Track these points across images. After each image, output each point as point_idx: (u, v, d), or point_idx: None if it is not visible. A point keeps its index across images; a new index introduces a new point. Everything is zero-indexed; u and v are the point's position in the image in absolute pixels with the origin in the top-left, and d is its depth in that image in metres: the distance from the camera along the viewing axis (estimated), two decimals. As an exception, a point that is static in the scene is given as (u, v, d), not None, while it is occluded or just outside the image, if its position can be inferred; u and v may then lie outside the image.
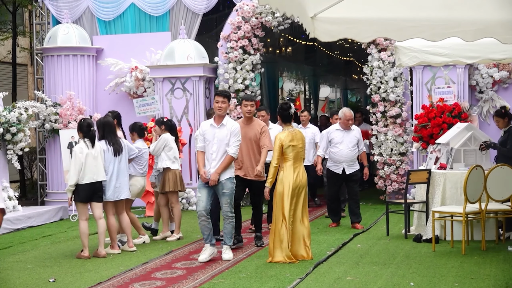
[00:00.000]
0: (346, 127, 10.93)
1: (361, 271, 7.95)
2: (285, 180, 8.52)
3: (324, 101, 31.79)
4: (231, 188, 8.66)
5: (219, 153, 8.66)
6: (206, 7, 14.69)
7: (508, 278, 7.45)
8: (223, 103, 8.70)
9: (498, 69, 12.98)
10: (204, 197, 8.65)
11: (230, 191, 8.68)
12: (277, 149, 8.53)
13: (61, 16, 15.12)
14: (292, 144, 8.54)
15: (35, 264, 8.97)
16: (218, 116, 8.71)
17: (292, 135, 8.60)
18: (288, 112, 8.77)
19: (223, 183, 8.61)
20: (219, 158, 8.65)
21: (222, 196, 8.67)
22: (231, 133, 8.67)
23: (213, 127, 8.69)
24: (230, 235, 8.82)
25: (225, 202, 8.67)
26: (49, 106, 14.18)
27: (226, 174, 8.64)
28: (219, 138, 8.66)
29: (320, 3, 6.54)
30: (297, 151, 8.58)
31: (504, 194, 8.93)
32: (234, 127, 8.76)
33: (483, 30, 7.06)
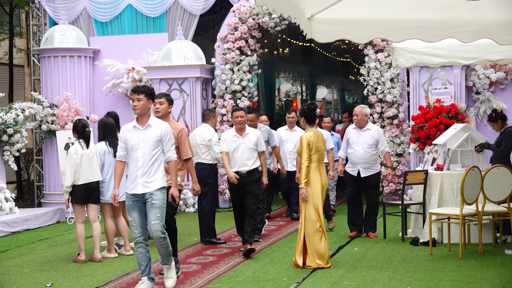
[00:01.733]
0: (359, 126, 10.35)
1: (358, 275, 7.93)
2: (314, 182, 8.38)
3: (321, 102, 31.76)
4: (162, 200, 7.23)
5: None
6: (203, 8, 14.66)
7: (505, 282, 7.43)
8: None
9: (495, 70, 12.97)
10: (137, 220, 7.27)
11: (161, 203, 7.22)
12: (307, 148, 8.33)
13: (58, 17, 15.07)
14: (317, 145, 8.43)
15: (32, 268, 8.93)
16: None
17: (317, 136, 8.50)
18: (314, 113, 8.62)
19: (153, 193, 7.18)
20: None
21: (151, 209, 7.19)
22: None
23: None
24: (167, 255, 7.45)
25: (154, 217, 7.15)
26: (46, 107, 14.14)
27: (157, 183, 7.24)
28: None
29: (317, 4, 6.52)
30: (320, 152, 8.49)
31: (501, 195, 8.91)
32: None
33: (480, 31, 7.06)
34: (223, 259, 9.04)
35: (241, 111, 9.48)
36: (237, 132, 9.42)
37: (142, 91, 7.28)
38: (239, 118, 9.38)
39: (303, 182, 8.33)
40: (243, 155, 9.36)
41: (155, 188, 7.20)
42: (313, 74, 26.81)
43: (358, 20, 6.88)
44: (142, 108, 7.26)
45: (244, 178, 9.36)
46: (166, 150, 7.30)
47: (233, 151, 9.39)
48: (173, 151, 7.35)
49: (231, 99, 14.10)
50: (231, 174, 9.34)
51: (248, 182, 9.37)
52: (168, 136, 7.29)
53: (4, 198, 12.38)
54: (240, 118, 9.40)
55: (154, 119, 7.39)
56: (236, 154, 9.36)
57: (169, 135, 7.30)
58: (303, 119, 8.61)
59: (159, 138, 7.25)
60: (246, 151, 9.36)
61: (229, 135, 9.51)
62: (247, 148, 9.37)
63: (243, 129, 9.45)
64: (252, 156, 9.40)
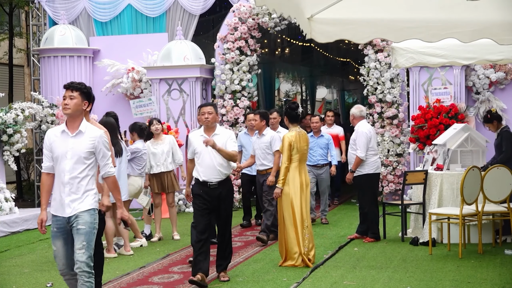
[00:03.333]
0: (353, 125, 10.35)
1: (358, 275, 7.93)
2: (291, 181, 8.46)
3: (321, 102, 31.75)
4: (91, 224, 5.87)
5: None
6: (203, 8, 14.66)
7: (505, 282, 7.43)
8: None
9: (495, 70, 12.97)
10: (61, 251, 6.00)
11: (88, 229, 5.85)
12: (287, 149, 8.43)
13: (57, 17, 15.07)
14: (298, 145, 8.48)
15: (32, 268, 8.93)
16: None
17: (300, 135, 8.55)
18: (296, 112, 8.67)
19: (79, 216, 5.85)
20: None
21: (76, 236, 5.84)
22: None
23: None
24: None
25: (79, 245, 5.81)
26: (45, 107, 14.14)
27: (86, 203, 5.92)
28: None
29: (317, 4, 6.52)
30: (302, 152, 8.53)
31: (500, 195, 8.91)
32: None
33: (479, 31, 7.06)
34: (223, 259, 9.02)
35: (208, 107, 7.79)
36: (205, 132, 7.79)
37: (76, 87, 6.06)
38: (206, 115, 7.73)
39: (280, 182, 8.45)
40: (212, 162, 7.68)
41: (82, 210, 5.86)
42: (313, 74, 26.80)
43: (358, 20, 6.87)
44: (75, 108, 5.96)
45: (214, 190, 7.73)
46: (102, 164, 6.00)
47: (200, 157, 7.73)
48: (110, 165, 6.03)
49: (231, 99, 14.10)
50: (186, 191, 8.08)
51: (218, 196, 7.72)
52: (104, 147, 5.97)
53: (4, 198, 12.38)
54: (208, 114, 7.72)
55: (87, 124, 6.01)
56: (203, 160, 7.69)
57: (105, 145, 5.99)
58: (286, 118, 8.73)
59: (92, 149, 5.91)
60: (214, 156, 7.66)
61: (196, 135, 7.89)
62: (212, 152, 7.66)
63: (212, 128, 7.80)
64: (223, 162, 7.72)
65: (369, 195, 10.10)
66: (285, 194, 8.46)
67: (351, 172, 10.05)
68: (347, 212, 13.13)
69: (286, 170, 8.45)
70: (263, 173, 10.27)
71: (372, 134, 10.14)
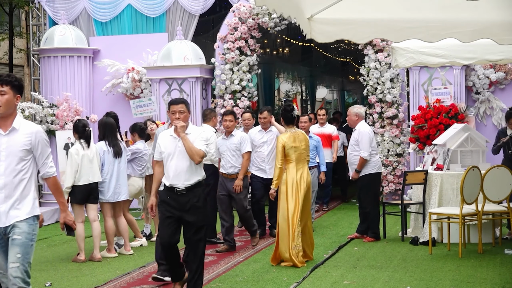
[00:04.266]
0: (351, 126, 10.38)
1: (358, 275, 7.93)
2: (289, 180, 8.54)
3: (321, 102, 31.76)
4: (28, 235, 5.29)
5: None
6: (203, 8, 14.66)
7: (504, 281, 7.44)
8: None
9: (495, 70, 12.97)
10: (3, 266, 5.40)
11: (25, 239, 5.27)
12: (280, 151, 8.55)
13: (57, 17, 15.07)
14: (294, 145, 8.57)
15: (31, 268, 8.89)
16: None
17: (294, 136, 8.63)
18: (291, 114, 8.77)
19: (15, 226, 5.24)
20: None
21: (11, 247, 5.25)
22: None
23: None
24: None
25: (13, 258, 5.21)
26: (45, 107, 14.14)
27: (24, 210, 5.33)
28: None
29: (317, 4, 6.52)
30: (299, 152, 8.61)
31: (500, 195, 8.92)
32: None
33: (479, 31, 7.06)
34: (223, 259, 9.04)
35: (180, 105, 6.84)
36: (175, 131, 6.85)
37: (6, 81, 5.28)
38: (177, 114, 6.81)
39: (273, 183, 8.64)
40: (181, 164, 6.77)
41: (21, 219, 5.26)
42: (313, 74, 26.81)
43: (358, 20, 6.88)
44: (7, 106, 5.25)
45: (182, 197, 6.80)
46: (41, 163, 5.41)
47: (168, 159, 6.83)
48: (50, 165, 5.45)
49: (231, 99, 14.10)
50: (151, 200, 7.03)
51: (186, 205, 6.77)
52: (43, 143, 5.37)
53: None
54: (179, 114, 6.80)
55: (21, 120, 5.36)
56: (171, 163, 6.81)
57: (43, 142, 5.37)
58: (282, 120, 8.87)
59: (29, 146, 5.30)
60: (184, 157, 6.76)
61: (165, 136, 6.97)
62: (182, 153, 6.77)
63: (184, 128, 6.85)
64: (193, 165, 6.78)
65: (370, 194, 10.12)
66: (281, 193, 8.57)
67: (356, 172, 10.01)
68: (347, 212, 13.14)
69: (279, 171, 8.55)
70: (232, 177, 9.63)
71: (372, 134, 10.18)
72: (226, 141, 9.76)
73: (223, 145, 9.76)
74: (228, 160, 9.68)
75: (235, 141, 9.70)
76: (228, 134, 9.81)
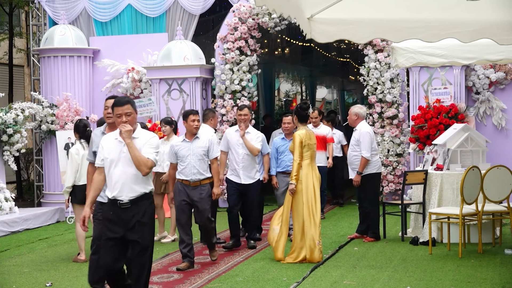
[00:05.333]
0: (351, 125, 10.31)
1: (358, 275, 7.94)
2: (304, 178, 8.66)
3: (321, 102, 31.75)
4: None
5: None
6: (203, 8, 14.66)
7: (504, 281, 7.44)
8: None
9: (495, 70, 12.97)
10: None
11: None
12: (299, 146, 8.66)
13: (57, 17, 15.07)
14: (310, 142, 8.76)
15: (32, 268, 8.93)
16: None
17: (310, 134, 8.85)
18: (306, 112, 8.93)
19: None
20: None
21: None
22: None
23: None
24: None
25: None
26: (45, 107, 14.14)
27: None
28: None
29: (316, 4, 6.52)
30: (312, 149, 8.83)
31: (500, 195, 8.92)
32: None
33: (479, 31, 7.07)
34: (223, 259, 9.04)
35: (125, 106, 5.97)
36: (120, 135, 6.02)
37: None
38: (123, 117, 5.96)
39: (293, 178, 8.65)
40: (126, 173, 5.93)
41: None
42: (313, 74, 26.80)
43: (358, 20, 6.88)
44: None
45: (126, 212, 5.95)
46: None
47: (111, 166, 5.98)
48: None
49: (231, 99, 14.10)
50: (84, 211, 6.07)
51: (130, 221, 5.92)
52: None
53: (4, 198, 12.39)
54: (126, 116, 5.98)
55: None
56: (114, 171, 5.97)
57: None
58: (296, 117, 8.96)
59: None
60: (129, 165, 5.90)
61: (110, 139, 6.12)
62: (128, 160, 5.90)
63: (128, 133, 5.93)
64: (139, 174, 5.91)
65: (370, 195, 10.11)
66: (297, 191, 8.66)
67: (358, 174, 9.98)
68: (347, 212, 13.14)
69: (298, 166, 8.67)
70: (195, 184, 8.46)
71: (373, 134, 10.17)
72: (189, 144, 8.53)
73: (184, 148, 8.49)
74: (193, 165, 8.44)
75: (201, 144, 8.55)
76: (192, 137, 8.58)
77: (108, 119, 6.82)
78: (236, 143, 9.63)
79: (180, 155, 8.53)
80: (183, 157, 8.51)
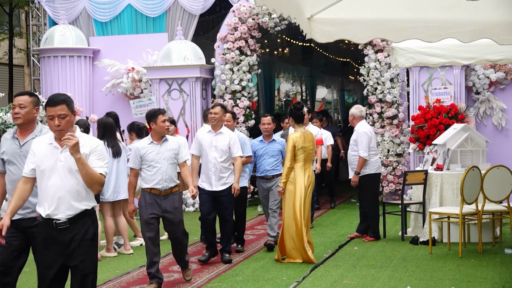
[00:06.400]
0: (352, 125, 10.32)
1: (358, 274, 7.94)
2: (297, 180, 8.59)
3: (321, 102, 31.78)
4: None
5: None
6: (203, 8, 14.67)
7: (504, 281, 7.44)
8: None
9: (495, 70, 12.97)
10: None
11: None
12: (291, 150, 8.56)
13: (57, 17, 15.08)
14: (304, 145, 8.61)
15: (33, 267, 8.81)
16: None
17: (305, 136, 8.67)
18: (301, 112, 8.77)
19: None
20: None
21: None
22: None
23: None
24: None
25: None
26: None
27: None
28: None
29: (317, 4, 6.53)
30: (308, 152, 8.67)
31: (500, 195, 8.93)
32: None
33: (479, 31, 7.07)
34: (223, 259, 9.04)
35: (58, 107, 4.92)
36: (56, 141, 5.06)
37: None
38: (56, 120, 4.95)
39: (281, 182, 8.61)
40: (63, 185, 4.94)
41: None
42: (313, 74, 26.84)
43: (358, 20, 6.89)
44: None
45: (63, 233, 4.98)
46: None
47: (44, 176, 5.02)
48: None
49: (231, 99, 14.11)
50: (3, 220, 5.05)
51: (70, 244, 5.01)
52: None
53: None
54: (59, 119, 4.94)
55: None
56: (49, 183, 4.98)
57: None
58: (291, 119, 8.80)
59: None
60: (71, 176, 4.95)
61: (43, 143, 5.18)
62: (66, 170, 4.95)
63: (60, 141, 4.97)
64: (79, 188, 4.96)
65: (370, 195, 10.11)
66: (288, 192, 8.61)
67: (356, 174, 9.97)
68: (347, 211, 13.14)
69: (288, 170, 8.58)
70: (166, 193, 7.49)
71: (372, 134, 10.17)
72: (158, 147, 7.54)
73: (152, 152, 7.50)
74: (164, 170, 7.46)
75: (172, 146, 7.59)
76: (161, 140, 7.58)
77: (16, 120, 5.72)
78: (209, 145, 8.61)
79: (148, 159, 7.46)
80: (152, 162, 7.44)
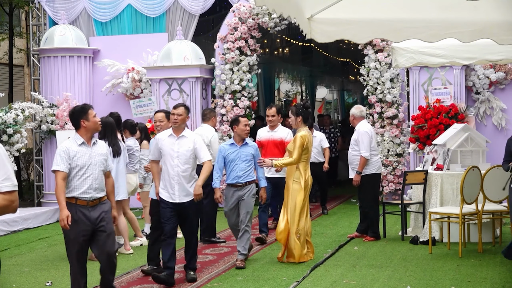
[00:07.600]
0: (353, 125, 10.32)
1: (358, 274, 7.94)
2: (302, 179, 8.62)
3: (321, 102, 31.76)
4: None
5: None
6: (203, 8, 14.67)
7: (504, 281, 7.44)
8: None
9: (495, 70, 12.97)
10: None
11: None
12: (300, 146, 8.52)
13: (57, 17, 15.08)
14: (309, 146, 8.68)
15: (32, 268, 8.94)
16: None
17: (310, 136, 8.77)
18: (309, 111, 8.83)
19: None
20: None
21: None
22: None
23: None
24: None
25: None
26: (45, 107, 14.15)
27: None
28: None
29: (316, 4, 6.54)
30: (309, 153, 8.77)
31: (500, 195, 8.93)
32: None
33: (479, 31, 7.08)
34: (223, 258, 9.05)
35: None
36: None
37: None
38: None
39: (277, 163, 8.56)
40: None
41: None
42: (313, 74, 26.83)
43: (358, 20, 6.90)
44: None
45: None
46: None
47: None
48: None
49: (231, 99, 14.11)
50: None
51: None
52: None
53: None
54: None
55: None
56: None
57: None
58: (301, 118, 8.75)
59: None
60: None
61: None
62: None
63: None
64: None
65: (370, 195, 10.12)
66: (294, 190, 8.61)
67: (358, 174, 9.98)
68: (347, 211, 13.14)
69: (291, 165, 8.61)
70: None
71: (373, 134, 10.17)
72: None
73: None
74: None
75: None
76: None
77: None
78: (170, 151, 7.61)
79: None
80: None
